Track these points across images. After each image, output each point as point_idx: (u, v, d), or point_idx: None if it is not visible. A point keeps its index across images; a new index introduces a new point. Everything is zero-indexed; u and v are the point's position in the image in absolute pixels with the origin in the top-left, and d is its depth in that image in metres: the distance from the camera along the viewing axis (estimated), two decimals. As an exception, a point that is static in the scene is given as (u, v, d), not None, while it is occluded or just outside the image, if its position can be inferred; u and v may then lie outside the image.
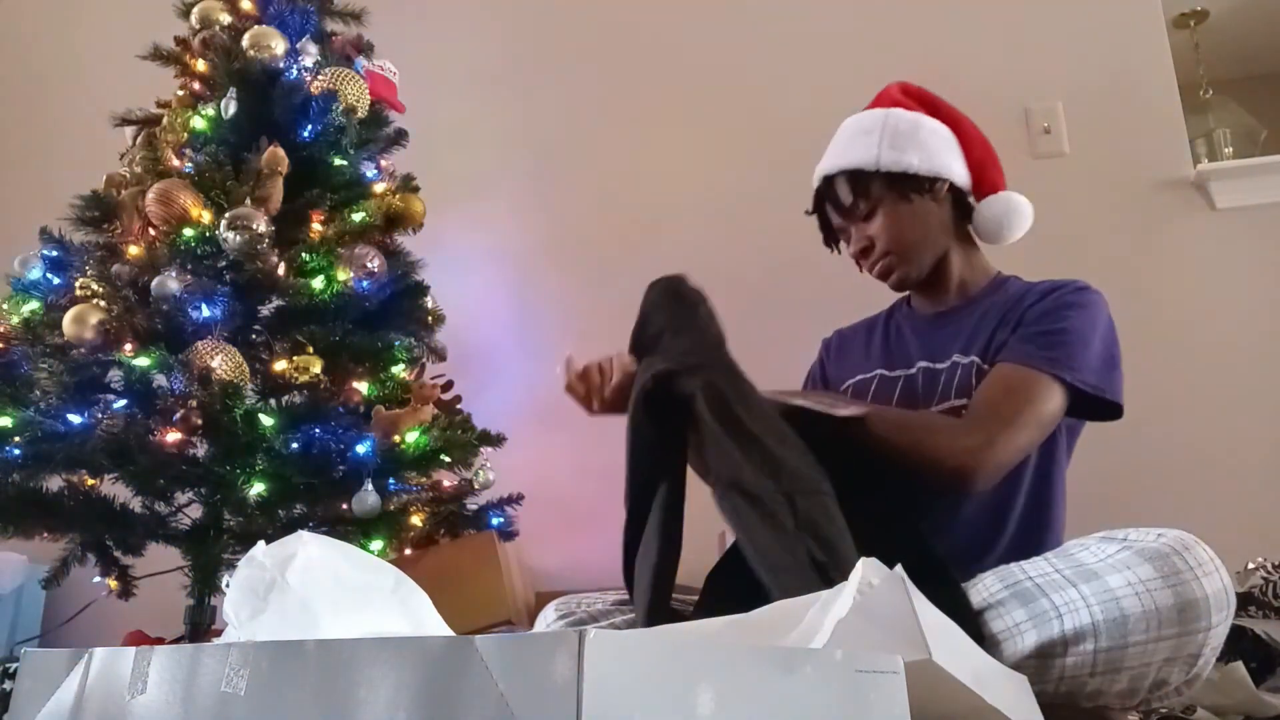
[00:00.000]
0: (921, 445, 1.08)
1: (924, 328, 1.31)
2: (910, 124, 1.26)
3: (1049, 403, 1.09)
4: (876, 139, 1.24)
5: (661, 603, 0.98)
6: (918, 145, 1.24)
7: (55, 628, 2.18)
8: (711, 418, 0.98)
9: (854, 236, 1.29)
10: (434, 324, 1.97)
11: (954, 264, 1.29)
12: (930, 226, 1.26)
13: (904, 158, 1.23)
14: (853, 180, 1.26)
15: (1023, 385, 1.10)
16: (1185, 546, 0.83)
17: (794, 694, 0.46)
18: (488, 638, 0.39)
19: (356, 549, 0.78)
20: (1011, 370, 1.12)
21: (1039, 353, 1.11)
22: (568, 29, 2.65)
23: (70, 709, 0.57)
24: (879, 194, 1.24)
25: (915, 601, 0.65)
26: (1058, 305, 1.17)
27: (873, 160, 1.23)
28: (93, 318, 1.52)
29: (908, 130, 1.25)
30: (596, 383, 1.17)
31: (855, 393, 1.32)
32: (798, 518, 0.92)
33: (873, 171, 1.24)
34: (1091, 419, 1.19)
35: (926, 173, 1.23)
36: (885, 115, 1.27)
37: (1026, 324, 1.16)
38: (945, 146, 1.26)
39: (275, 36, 1.79)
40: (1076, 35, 2.33)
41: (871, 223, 1.26)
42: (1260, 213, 2.15)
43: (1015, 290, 1.25)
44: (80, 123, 2.49)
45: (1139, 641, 0.81)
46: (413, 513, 1.77)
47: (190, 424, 1.47)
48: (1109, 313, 1.18)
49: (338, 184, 1.83)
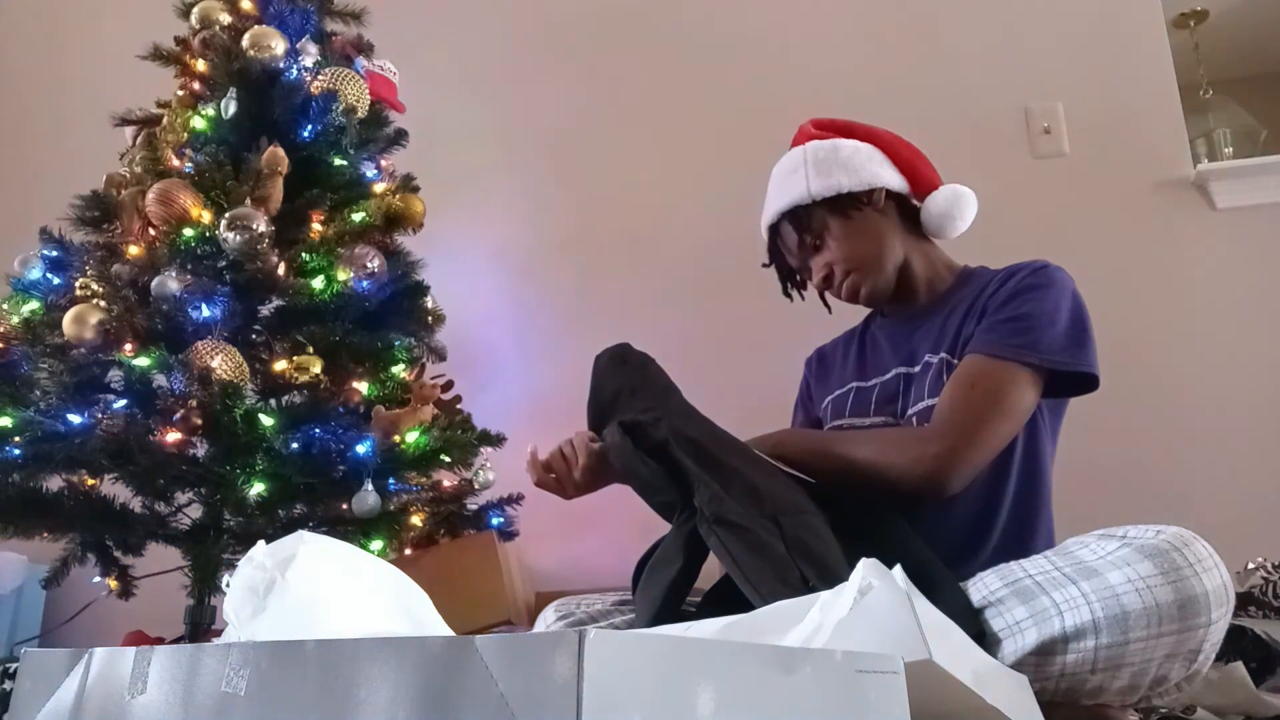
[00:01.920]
0: (883, 461, 1.08)
1: (897, 333, 1.32)
2: (829, 149, 1.29)
3: (1018, 391, 1.09)
4: (803, 174, 1.28)
5: (669, 615, 0.98)
6: (841, 166, 1.27)
7: (55, 628, 2.18)
8: (686, 456, 1.00)
9: (813, 270, 1.32)
10: (434, 324, 1.97)
11: (916, 266, 1.31)
12: (881, 235, 1.28)
13: (832, 181, 1.26)
14: (793, 219, 1.29)
15: (989, 377, 1.10)
16: (1184, 543, 0.84)
17: (794, 694, 0.46)
18: (488, 638, 0.39)
19: (356, 549, 0.78)
20: (977, 362, 1.12)
21: (1003, 340, 1.11)
22: (568, 29, 2.65)
23: (70, 709, 0.57)
24: (821, 221, 1.28)
25: (915, 601, 0.65)
26: (1018, 289, 1.17)
27: (804, 193, 1.27)
28: (93, 318, 1.52)
29: (827, 156, 1.28)
30: (564, 470, 1.18)
31: (833, 409, 1.34)
32: (786, 540, 0.93)
33: (809, 204, 1.27)
34: (1070, 395, 1.19)
35: (858, 187, 1.26)
36: (804, 150, 1.31)
37: (990, 313, 1.16)
38: (869, 159, 1.29)
39: (275, 36, 1.79)
40: (1076, 35, 2.33)
41: (824, 251, 1.29)
42: (1260, 213, 2.15)
43: (980, 280, 1.26)
44: (80, 123, 2.49)
45: (1140, 638, 0.81)
46: (413, 513, 1.77)
47: (190, 424, 1.47)
48: (1073, 286, 1.18)
49: (338, 184, 1.83)
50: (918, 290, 1.31)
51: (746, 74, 2.50)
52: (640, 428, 1.04)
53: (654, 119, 2.54)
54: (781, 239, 1.33)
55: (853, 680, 0.51)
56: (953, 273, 1.32)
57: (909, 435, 1.13)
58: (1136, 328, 2.05)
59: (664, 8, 2.61)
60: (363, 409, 1.70)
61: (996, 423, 1.08)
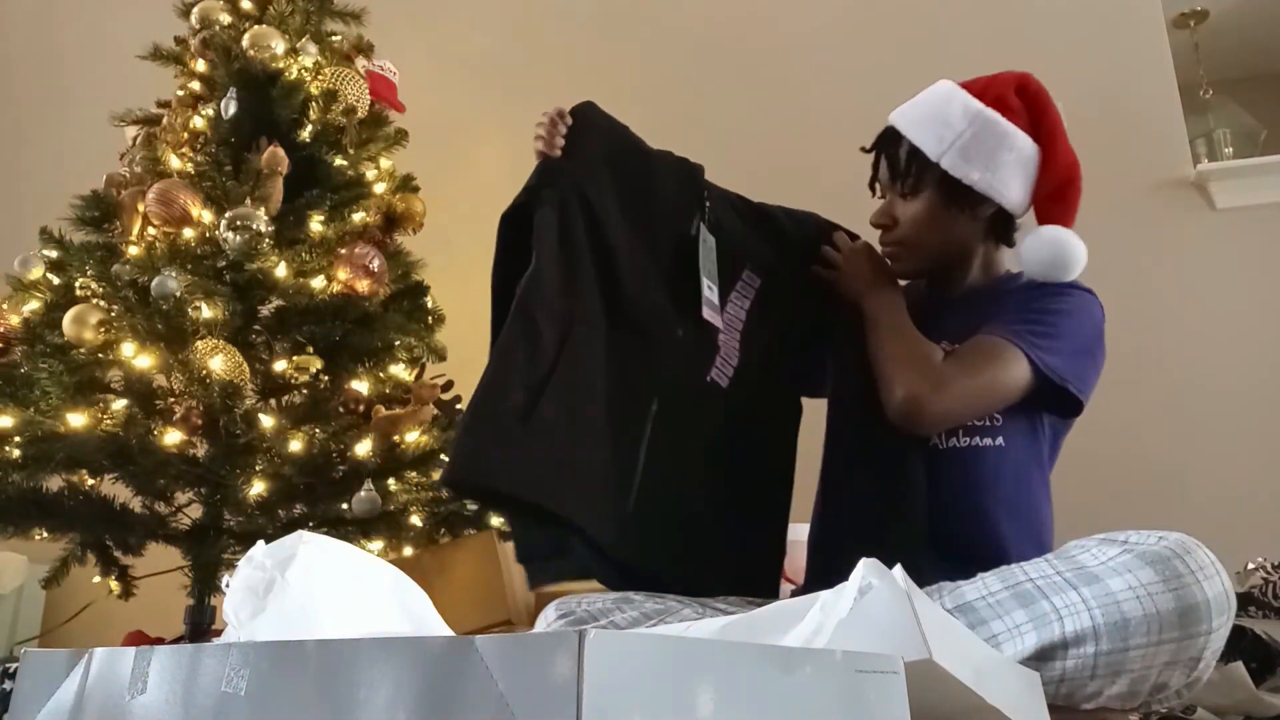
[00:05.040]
0: (894, 361, 1.13)
1: (925, 310, 1.27)
2: (996, 139, 1.18)
3: (1010, 370, 1.09)
4: (953, 137, 1.18)
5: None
6: (986, 159, 1.18)
7: (55, 628, 2.18)
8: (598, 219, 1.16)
9: (884, 204, 1.26)
10: (434, 324, 1.97)
11: (972, 265, 1.27)
12: (953, 237, 1.24)
13: (968, 170, 1.17)
14: (911, 157, 1.21)
15: (989, 350, 1.11)
16: (1186, 550, 0.83)
17: (794, 694, 0.46)
18: (488, 638, 0.39)
19: (356, 549, 0.78)
20: (985, 338, 1.13)
21: (1015, 327, 1.12)
22: (568, 29, 2.65)
23: (70, 709, 0.57)
24: (927, 185, 1.20)
25: (915, 601, 0.65)
26: (1049, 294, 1.17)
27: (936, 151, 1.18)
28: (93, 318, 1.52)
29: (989, 144, 1.18)
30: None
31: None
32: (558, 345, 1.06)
33: (932, 162, 1.19)
34: (1055, 411, 1.18)
35: (981, 189, 1.18)
36: (977, 114, 1.19)
37: (1014, 308, 1.17)
38: (1018, 168, 1.19)
39: (275, 36, 1.79)
40: (1076, 35, 2.33)
41: (906, 203, 1.22)
42: (1260, 213, 2.15)
43: (1016, 285, 1.25)
44: (80, 123, 2.49)
45: (1140, 645, 0.81)
46: (413, 513, 1.77)
47: (190, 424, 1.47)
48: (1100, 316, 1.18)
49: (338, 184, 1.83)
50: (959, 283, 1.28)
51: (749, 74, 2.50)
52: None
53: (654, 119, 2.54)
54: (892, 149, 1.23)
55: (853, 680, 0.51)
56: (994, 277, 1.29)
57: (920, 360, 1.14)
58: (1136, 327, 2.05)
59: (665, 8, 2.61)
60: (363, 409, 1.70)
61: (980, 386, 1.10)
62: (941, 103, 1.22)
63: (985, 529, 1.14)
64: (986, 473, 1.14)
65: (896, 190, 1.24)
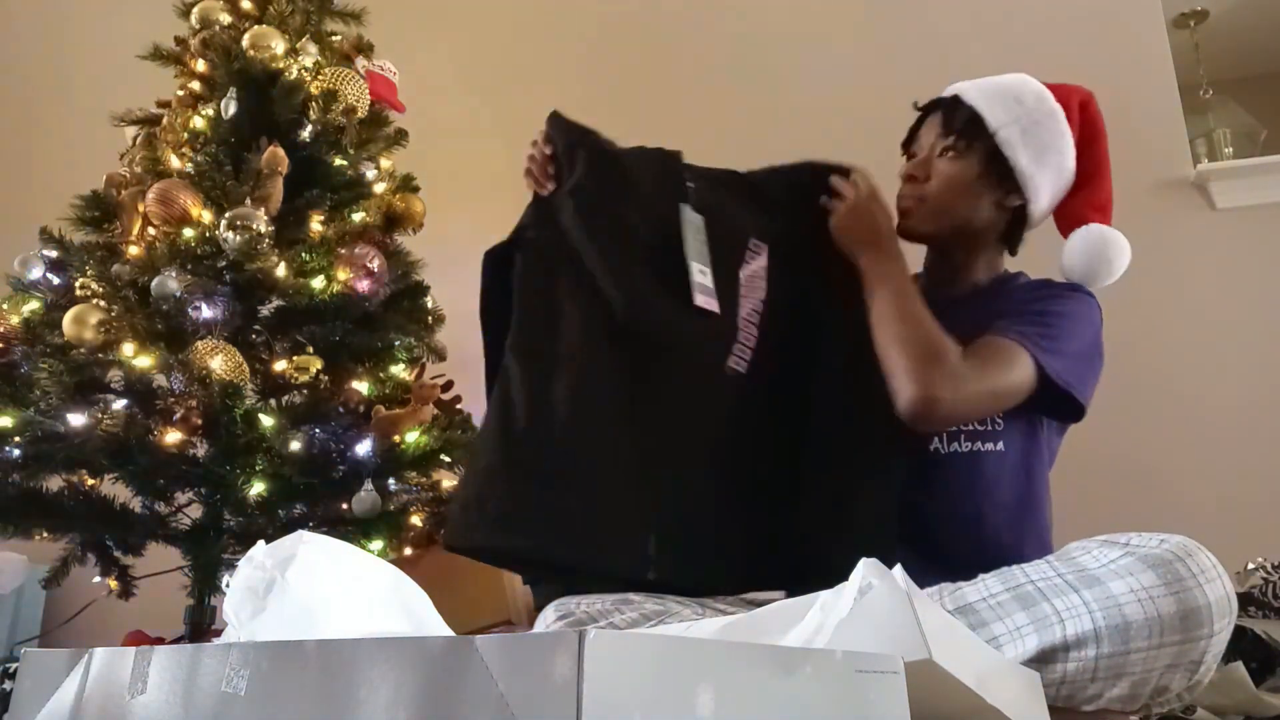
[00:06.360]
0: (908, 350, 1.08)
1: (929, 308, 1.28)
2: (1053, 134, 1.20)
3: (1016, 372, 1.09)
4: (1021, 113, 1.19)
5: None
6: (1037, 153, 1.19)
7: (55, 628, 2.18)
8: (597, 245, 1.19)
9: (921, 157, 1.24)
10: (434, 324, 1.97)
11: (973, 262, 1.27)
12: (974, 214, 1.23)
13: (1018, 151, 1.18)
14: (968, 121, 1.20)
15: (1002, 352, 1.10)
16: (1188, 553, 0.83)
17: (794, 694, 0.46)
18: (488, 638, 0.39)
19: (356, 549, 0.78)
20: (995, 339, 1.12)
21: (1022, 329, 1.12)
22: (568, 29, 2.65)
23: (70, 709, 0.57)
24: (975, 151, 1.20)
25: (915, 601, 0.65)
26: (1052, 294, 1.18)
27: (997, 123, 1.18)
28: (93, 318, 1.52)
29: (1045, 136, 1.19)
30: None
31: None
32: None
33: (987, 132, 1.19)
34: (1054, 415, 1.18)
35: (1019, 179, 1.19)
36: (1049, 103, 1.21)
37: (1016, 309, 1.16)
38: (1055, 176, 1.22)
39: (275, 36, 1.79)
40: (1076, 35, 2.33)
41: (945, 162, 1.21)
42: (1260, 213, 2.15)
43: (1017, 285, 1.25)
44: (81, 123, 2.49)
45: (1141, 648, 0.81)
46: (413, 513, 1.77)
47: (190, 424, 1.47)
48: (1099, 319, 1.19)
49: (338, 184, 1.83)
50: (958, 282, 1.27)
51: (749, 74, 2.50)
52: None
53: (654, 119, 2.54)
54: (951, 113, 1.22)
55: (853, 680, 0.51)
56: (994, 275, 1.28)
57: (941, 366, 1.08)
58: (1136, 327, 2.05)
59: (665, 8, 2.61)
60: (363, 409, 1.70)
61: (988, 388, 1.08)
62: (1016, 83, 1.23)
63: (986, 533, 1.14)
64: (987, 477, 1.14)
65: (940, 147, 1.22)
